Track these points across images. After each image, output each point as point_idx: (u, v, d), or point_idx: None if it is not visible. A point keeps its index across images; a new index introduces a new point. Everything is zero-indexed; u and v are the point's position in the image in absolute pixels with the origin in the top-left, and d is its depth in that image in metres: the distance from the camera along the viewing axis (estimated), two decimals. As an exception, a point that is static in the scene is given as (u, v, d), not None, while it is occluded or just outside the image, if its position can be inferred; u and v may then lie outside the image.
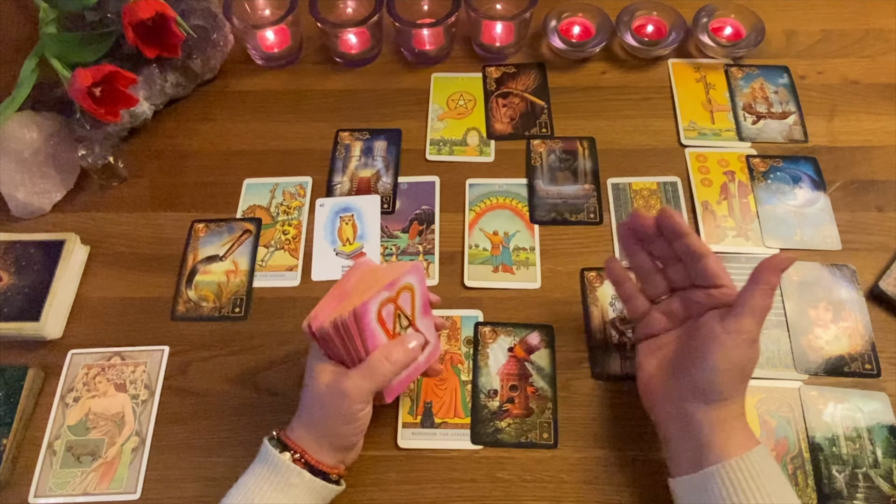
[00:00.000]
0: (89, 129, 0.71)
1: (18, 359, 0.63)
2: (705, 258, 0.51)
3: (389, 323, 0.51)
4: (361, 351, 0.50)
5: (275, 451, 0.49)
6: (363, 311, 0.49)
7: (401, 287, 0.52)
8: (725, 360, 0.47)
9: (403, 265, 0.54)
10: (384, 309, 0.51)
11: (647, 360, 0.54)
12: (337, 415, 0.49)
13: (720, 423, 0.47)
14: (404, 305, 0.53)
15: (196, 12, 0.77)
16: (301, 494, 0.49)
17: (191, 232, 0.71)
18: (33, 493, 0.57)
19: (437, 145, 0.75)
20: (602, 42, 0.79)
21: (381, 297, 0.50)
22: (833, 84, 0.78)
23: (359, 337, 0.49)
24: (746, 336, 0.48)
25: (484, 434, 0.58)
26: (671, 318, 0.54)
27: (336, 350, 0.50)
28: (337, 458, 0.52)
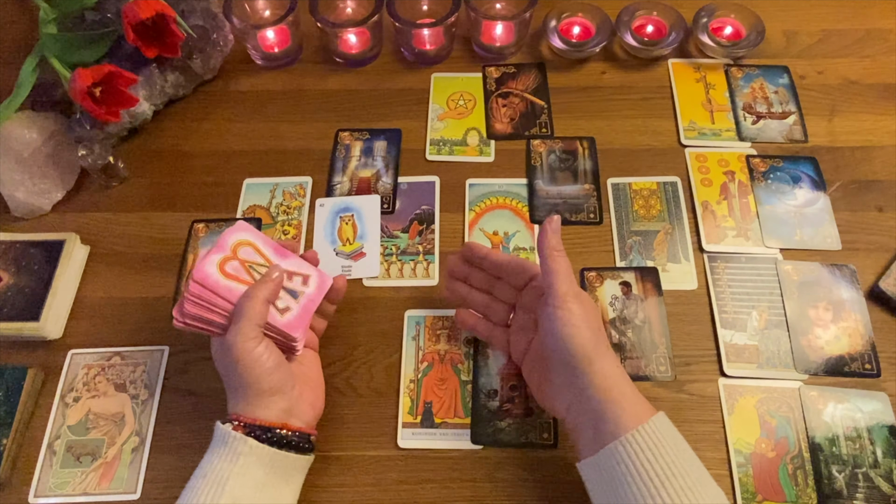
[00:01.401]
0: (89, 129, 0.71)
1: (18, 359, 0.63)
2: (509, 263, 0.57)
3: (244, 275, 0.54)
4: (228, 305, 0.52)
5: (220, 424, 0.50)
6: (201, 274, 0.52)
7: (233, 245, 0.55)
8: (567, 326, 0.49)
9: (228, 229, 0.57)
10: (227, 265, 0.54)
11: (529, 377, 0.56)
12: (236, 366, 0.50)
13: (607, 391, 0.48)
14: (250, 258, 0.55)
15: (196, 12, 0.77)
16: (252, 463, 0.49)
17: (191, 232, 0.71)
18: (33, 493, 0.57)
19: (437, 145, 0.75)
20: (602, 42, 0.79)
21: (214, 259, 0.54)
22: (833, 84, 0.78)
23: (217, 297, 0.52)
24: (567, 296, 0.50)
25: (484, 434, 0.58)
26: (526, 330, 0.57)
27: (211, 321, 0.53)
28: (273, 411, 0.51)
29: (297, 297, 0.55)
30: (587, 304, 0.51)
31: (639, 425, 0.46)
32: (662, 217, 0.69)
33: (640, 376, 0.60)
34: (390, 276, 0.67)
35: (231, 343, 0.50)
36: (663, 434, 0.46)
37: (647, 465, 0.44)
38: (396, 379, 0.61)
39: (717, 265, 0.66)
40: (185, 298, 0.52)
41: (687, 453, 0.47)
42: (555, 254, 0.51)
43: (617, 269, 0.66)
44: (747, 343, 0.61)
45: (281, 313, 0.54)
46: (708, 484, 0.46)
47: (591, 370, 0.49)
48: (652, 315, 0.63)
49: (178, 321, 0.53)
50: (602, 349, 0.50)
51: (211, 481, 0.48)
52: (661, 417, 0.48)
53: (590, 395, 0.48)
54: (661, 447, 0.45)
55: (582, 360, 0.49)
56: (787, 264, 0.65)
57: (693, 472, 0.45)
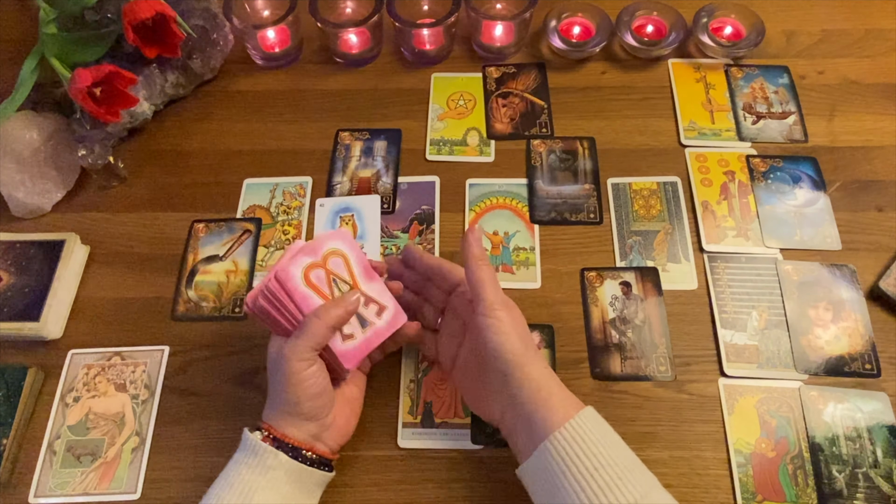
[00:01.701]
0: (89, 129, 0.71)
1: (18, 359, 0.63)
2: (439, 266, 0.57)
3: (324, 287, 0.52)
4: (297, 314, 0.51)
5: (248, 434, 0.50)
6: (284, 275, 0.50)
7: (326, 252, 0.53)
8: (497, 334, 0.49)
9: (329, 233, 0.55)
10: (312, 273, 0.52)
11: (460, 383, 0.56)
12: (283, 380, 0.50)
13: (536, 393, 0.48)
14: (337, 270, 0.53)
15: (196, 12, 0.77)
16: (280, 477, 0.49)
17: (191, 232, 0.71)
18: (33, 493, 0.57)
19: (437, 145, 0.75)
20: (602, 42, 0.79)
21: (303, 262, 0.51)
22: (833, 84, 0.78)
23: (290, 301, 0.51)
24: (495, 304, 0.50)
25: (484, 434, 0.58)
26: (454, 336, 0.57)
27: (277, 321, 0.52)
28: (304, 432, 0.51)
29: (365, 327, 0.53)
30: (514, 312, 0.52)
31: (566, 422, 0.46)
32: (662, 217, 0.69)
33: (640, 376, 0.60)
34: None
35: (285, 357, 0.50)
36: (590, 427, 0.47)
37: (577, 459, 0.45)
38: (396, 379, 0.61)
39: (717, 265, 0.66)
40: (262, 291, 0.51)
41: (615, 445, 0.47)
42: (480, 263, 0.52)
43: (617, 269, 0.66)
44: (747, 343, 0.61)
45: (343, 339, 0.52)
46: (639, 471, 0.46)
47: (522, 375, 0.49)
48: (652, 315, 0.63)
49: (248, 307, 0.52)
50: (531, 354, 0.50)
51: (238, 492, 0.48)
52: (588, 412, 0.48)
53: (521, 400, 0.49)
54: (588, 441, 0.46)
55: (513, 366, 0.49)
56: (787, 264, 0.65)
57: (622, 461, 0.46)
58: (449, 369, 0.57)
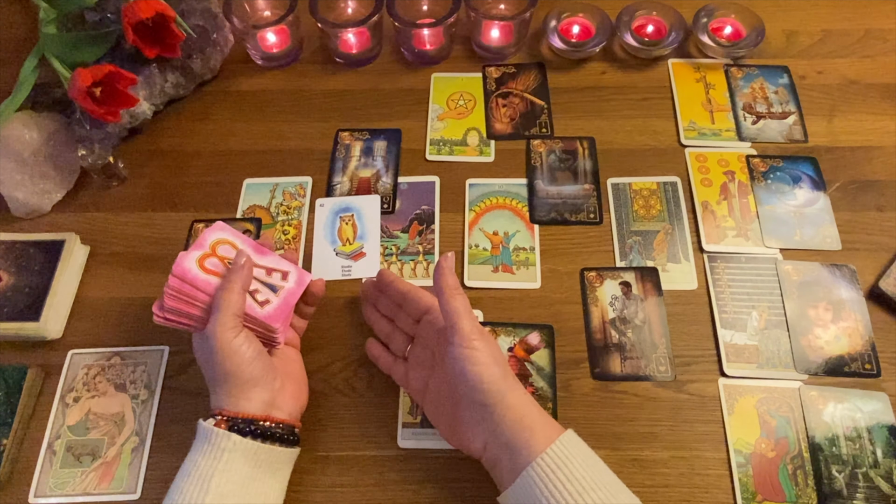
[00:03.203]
0: (89, 129, 0.71)
1: (18, 359, 0.63)
2: (408, 292, 0.58)
3: (222, 270, 0.55)
4: (207, 298, 0.53)
5: (201, 422, 0.50)
6: (181, 269, 0.53)
7: (213, 243, 0.57)
8: (476, 365, 0.49)
9: (207, 228, 0.58)
10: (206, 262, 0.55)
11: (435, 414, 0.55)
12: (215, 356, 0.50)
13: (518, 422, 0.48)
14: (228, 255, 0.56)
15: (196, 12, 0.77)
16: (236, 459, 0.48)
17: (191, 232, 0.71)
18: (33, 493, 0.57)
19: (437, 145, 0.75)
20: (602, 42, 0.79)
21: (194, 256, 0.55)
22: (833, 84, 0.78)
23: (195, 290, 0.53)
24: (472, 335, 0.50)
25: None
26: (423, 366, 0.56)
27: (190, 315, 0.53)
28: (258, 401, 0.51)
29: (276, 291, 0.57)
30: (490, 341, 0.51)
31: (547, 447, 0.46)
32: (662, 217, 0.69)
33: (640, 376, 0.60)
34: (390, 276, 0.67)
35: (210, 333, 0.51)
36: (572, 452, 0.47)
37: (560, 485, 0.45)
38: (396, 379, 0.61)
39: (717, 265, 0.66)
40: (165, 293, 0.53)
41: (597, 467, 0.47)
42: (454, 293, 0.51)
43: (617, 269, 0.66)
44: (747, 343, 0.61)
45: (261, 306, 0.55)
46: (622, 493, 0.46)
47: (503, 404, 0.49)
48: (652, 315, 0.63)
49: (158, 316, 0.54)
50: (510, 381, 0.50)
51: (195, 479, 0.48)
52: (569, 435, 0.48)
53: (503, 430, 0.48)
54: (571, 464, 0.46)
55: (493, 396, 0.49)
56: (787, 264, 0.65)
57: (606, 485, 0.46)
58: (420, 401, 0.56)
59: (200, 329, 0.53)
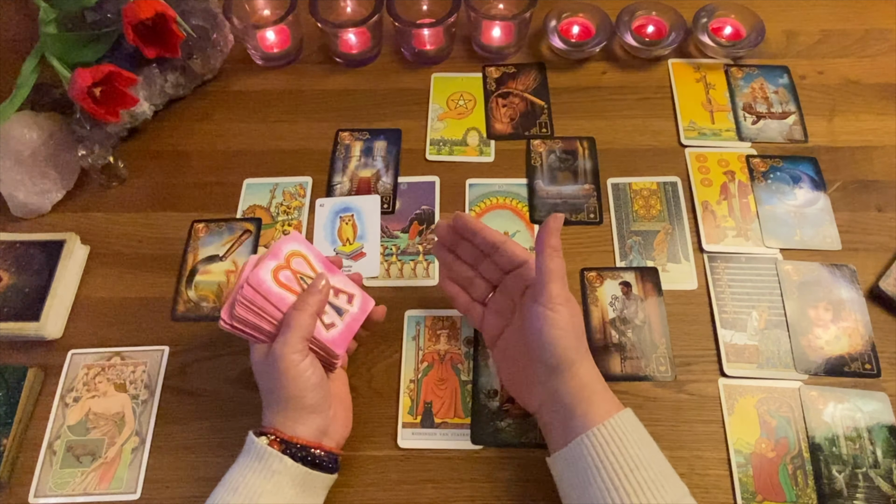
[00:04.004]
0: (89, 129, 0.71)
1: (18, 359, 0.63)
2: (502, 244, 0.55)
3: (294, 285, 0.54)
4: (278, 313, 0.52)
5: (254, 438, 0.50)
6: (256, 280, 0.52)
7: (287, 254, 0.55)
8: (554, 328, 0.49)
9: (283, 238, 0.56)
10: (280, 275, 0.53)
11: (501, 362, 0.56)
12: (281, 377, 0.50)
13: (580, 390, 0.49)
14: (302, 269, 0.55)
15: (196, 12, 0.77)
16: (285, 482, 0.49)
17: (191, 232, 0.71)
18: (33, 493, 0.57)
19: (437, 145, 0.75)
20: (602, 42, 0.79)
21: (269, 266, 0.53)
22: (833, 84, 0.78)
23: (268, 303, 0.52)
24: (558, 299, 0.50)
25: (484, 434, 0.58)
26: (502, 315, 0.57)
27: (258, 327, 0.52)
28: (311, 429, 0.51)
29: (341, 315, 0.55)
30: (575, 309, 0.52)
31: (605, 420, 0.46)
32: (662, 217, 0.69)
33: (640, 376, 0.60)
34: (390, 276, 0.67)
35: (279, 354, 0.50)
36: (628, 429, 0.47)
37: (612, 457, 0.45)
38: (396, 379, 0.61)
39: (717, 265, 0.66)
40: (238, 302, 0.51)
41: (651, 448, 0.47)
42: (553, 253, 0.51)
43: (617, 269, 0.66)
44: (747, 343, 0.61)
45: (326, 328, 0.54)
46: (671, 478, 0.46)
47: (570, 372, 0.49)
48: (652, 315, 0.63)
49: (226, 323, 0.52)
50: (583, 353, 0.51)
51: (243, 496, 0.48)
52: (628, 413, 0.48)
53: (562, 395, 0.49)
54: (626, 441, 0.46)
55: (563, 362, 0.49)
56: (787, 264, 0.65)
57: (656, 466, 0.46)
58: (490, 346, 0.57)
59: (265, 343, 0.52)
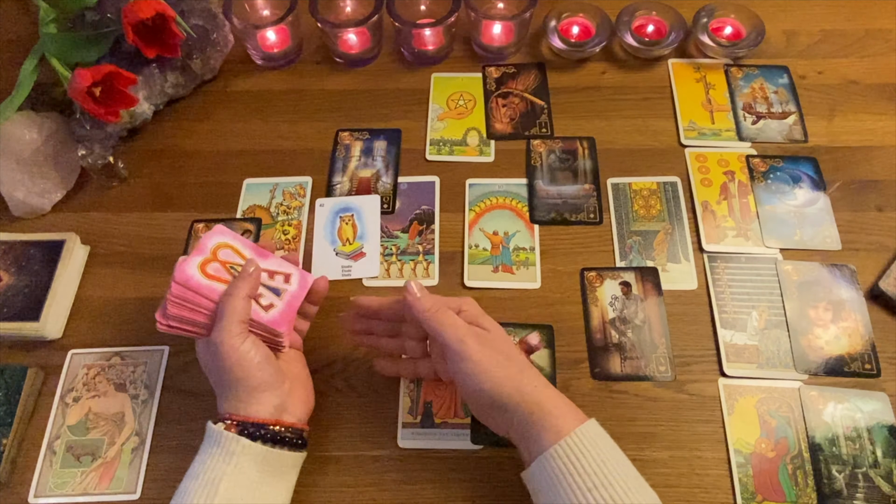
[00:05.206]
0: (89, 129, 0.71)
1: (18, 359, 0.63)
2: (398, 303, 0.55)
3: (224, 275, 0.55)
4: (211, 304, 0.53)
5: (211, 424, 0.50)
6: (183, 276, 0.52)
7: (213, 247, 0.56)
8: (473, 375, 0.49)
9: (207, 233, 0.57)
10: (208, 267, 0.54)
11: (464, 397, 0.55)
12: (224, 363, 0.50)
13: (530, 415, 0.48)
14: (230, 259, 0.56)
15: (196, 12, 0.77)
16: (246, 463, 0.48)
17: (191, 232, 0.71)
18: (33, 493, 0.57)
19: (437, 145, 0.75)
20: (602, 42, 0.79)
21: (195, 262, 0.54)
22: (833, 84, 0.78)
23: (199, 296, 0.53)
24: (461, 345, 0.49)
25: (484, 434, 0.58)
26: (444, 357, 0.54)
27: (194, 322, 0.53)
28: (267, 406, 0.51)
29: (279, 295, 0.56)
30: (486, 339, 0.51)
31: (562, 437, 0.46)
32: (662, 217, 0.69)
33: (640, 376, 0.60)
34: (390, 276, 0.67)
35: (217, 342, 0.50)
36: (587, 444, 0.46)
37: (571, 477, 0.45)
38: (396, 379, 0.61)
39: (717, 265, 0.66)
40: (168, 300, 0.52)
41: (614, 460, 0.47)
42: (428, 315, 0.51)
43: (617, 269, 0.66)
44: (747, 343, 0.61)
45: (265, 310, 0.54)
46: (639, 488, 0.46)
47: (515, 398, 0.49)
48: (652, 315, 0.63)
49: (162, 324, 0.53)
50: (517, 374, 0.50)
51: (204, 482, 0.48)
52: (589, 426, 0.48)
53: (519, 419, 0.49)
54: (585, 458, 0.45)
55: (502, 395, 0.49)
56: (787, 264, 0.65)
57: (620, 478, 0.45)
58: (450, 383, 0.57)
59: (205, 335, 0.53)
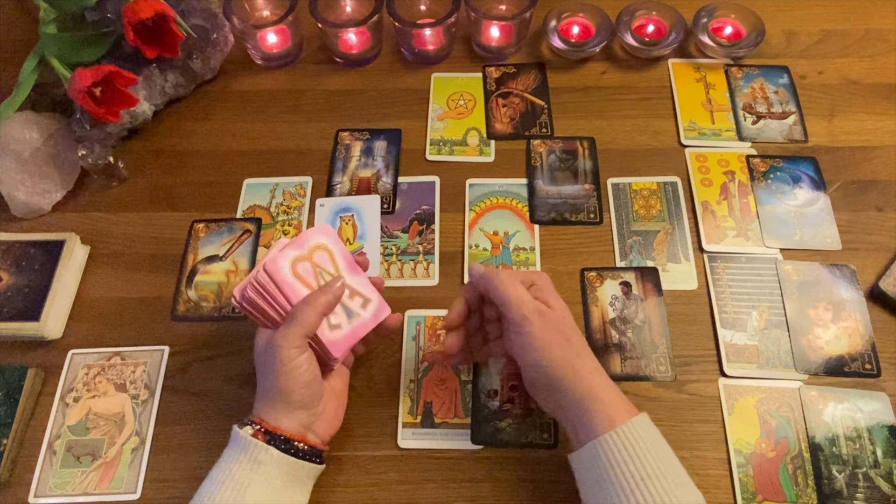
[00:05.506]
0: (89, 129, 0.71)
1: (18, 359, 0.63)
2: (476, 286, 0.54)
3: (311, 279, 0.53)
4: (286, 304, 0.52)
5: (238, 429, 0.50)
6: (273, 266, 0.52)
7: (312, 247, 0.55)
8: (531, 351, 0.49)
9: (314, 228, 0.56)
10: (299, 266, 0.53)
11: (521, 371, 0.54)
12: (275, 368, 0.50)
13: (587, 393, 0.48)
14: (323, 264, 0.55)
15: (196, 12, 0.77)
16: (272, 472, 0.49)
17: (191, 232, 0.71)
18: (33, 493, 0.57)
19: (437, 145, 0.75)
20: (602, 42, 0.79)
21: (290, 255, 0.53)
22: (833, 84, 0.78)
23: (278, 292, 0.52)
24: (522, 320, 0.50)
25: (484, 434, 0.58)
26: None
27: (265, 313, 0.52)
28: (297, 423, 0.51)
29: (351, 318, 0.54)
30: (549, 317, 0.51)
31: (616, 427, 0.46)
32: (662, 217, 0.69)
33: (640, 376, 0.60)
34: (390, 276, 0.67)
35: (277, 345, 0.50)
36: (640, 436, 0.46)
37: (624, 466, 0.45)
38: (396, 379, 0.61)
39: (717, 265, 0.66)
40: (251, 284, 0.52)
41: (666, 455, 0.47)
42: (496, 284, 0.51)
43: (617, 269, 0.66)
44: (747, 343, 0.61)
45: (331, 329, 0.53)
46: (685, 486, 0.46)
47: (567, 382, 0.49)
48: (652, 315, 0.63)
49: (236, 301, 0.53)
50: (574, 359, 0.50)
51: (230, 488, 0.48)
52: (642, 419, 0.48)
53: (570, 400, 0.49)
54: (638, 449, 0.45)
55: (556, 374, 0.49)
56: (787, 264, 0.65)
57: (671, 474, 0.45)
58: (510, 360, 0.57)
59: (270, 328, 0.53)
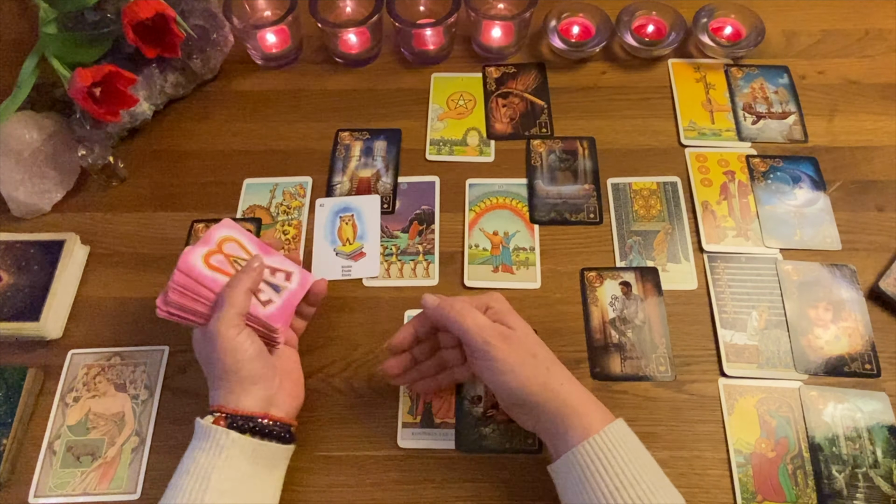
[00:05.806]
0: (89, 129, 0.71)
1: (18, 359, 0.63)
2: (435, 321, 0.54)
3: (227, 268, 0.56)
4: (211, 295, 0.54)
5: (199, 420, 0.50)
6: (186, 266, 0.54)
7: (219, 240, 0.57)
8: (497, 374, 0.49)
9: (215, 225, 0.58)
10: (212, 259, 0.55)
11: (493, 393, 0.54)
12: (219, 352, 0.51)
13: (562, 406, 0.49)
14: (235, 252, 0.57)
15: (196, 12, 0.77)
16: (235, 455, 0.49)
17: (191, 232, 0.71)
18: (33, 493, 0.57)
19: (437, 145, 0.75)
20: (602, 42, 0.79)
21: (200, 252, 0.55)
22: (833, 84, 0.78)
23: (200, 286, 0.54)
24: (485, 346, 0.50)
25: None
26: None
27: (194, 310, 0.54)
28: (257, 399, 0.51)
29: (279, 292, 0.57)
30: (513, 339, 0.51)
31: (592, 434, 0.46)
32: (662, 217, 0.69)
33: (640, 376, 0.60)
34: (390, 276, 0.67)
35: (213, 331, 0.51)
36: (615, 443, 0.46)
37: (599, 474, 0.45)
38: (396, 379, 0.61)
39: (717, 265, 0.66)
40: (170, 288, 0.53)
41: (642, 459, 0.47)
42: (452, 316, 0.51)
43: (617, 269, 0.66)
44: (747, 343, 0.61)
45: (263, 305, 0.55)
46: (663, 489, 0.46)
47: (542, 395, 0.49)
48: (652, 315, 0.63)
49: (162, 310, 0.54)
50: (543, 373, 0.50)
51: (195, 476, 0.48)
52: (617, 425, 0.48)
53: (545, 415, 0.49)
54: (613, 456, 0.46)
55: (528, 393, 0.49)
56: (787, 264, 0.65)
57: (647, 478, 0.46)
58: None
59: (203, 325, 0.54)
